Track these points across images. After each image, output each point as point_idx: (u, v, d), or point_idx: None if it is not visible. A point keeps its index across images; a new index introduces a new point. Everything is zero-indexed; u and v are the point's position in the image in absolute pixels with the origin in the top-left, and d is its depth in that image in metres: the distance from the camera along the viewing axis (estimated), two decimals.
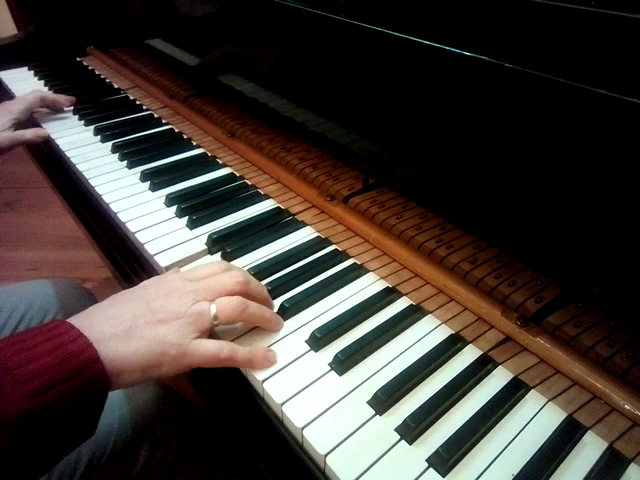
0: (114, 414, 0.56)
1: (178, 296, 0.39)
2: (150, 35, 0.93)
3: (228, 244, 0.52)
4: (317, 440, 0.34)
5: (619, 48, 0.30)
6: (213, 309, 0.39)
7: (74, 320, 0.35)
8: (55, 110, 0.83)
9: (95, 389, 0.33)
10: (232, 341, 0.41)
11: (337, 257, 0.52)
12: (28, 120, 0.78)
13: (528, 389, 0.39)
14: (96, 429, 0.34)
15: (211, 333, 0.40)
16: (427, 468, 0.34)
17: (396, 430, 0.36)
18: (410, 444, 0.35)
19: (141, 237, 0.54)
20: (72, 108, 0.84)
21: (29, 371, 0.30)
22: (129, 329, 0.36)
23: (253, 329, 0.43)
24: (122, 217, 0.57)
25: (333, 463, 0.33)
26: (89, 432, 0.34)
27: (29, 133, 0.74)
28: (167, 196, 0.60)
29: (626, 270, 0.36)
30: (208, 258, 0.52)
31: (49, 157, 0.76)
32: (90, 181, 0.64)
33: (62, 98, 0.83)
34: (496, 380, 0.40)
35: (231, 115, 0.77)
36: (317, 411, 0.36)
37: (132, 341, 0.36)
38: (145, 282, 0.42)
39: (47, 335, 0.33)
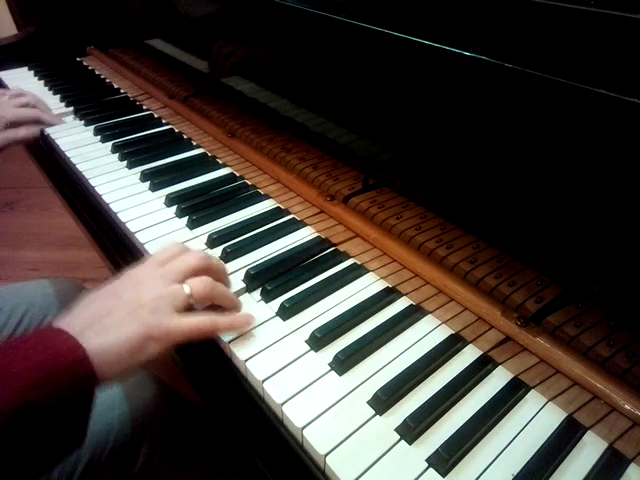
0: (114, 412, 0.57)
1: (148, 282, 0.40)
2: (150, 35, 0.93)
3: (228, 244, 0.52)
4: (317, 440, 0.34)
5: (619, 48, 0.30)
6: (187, 289, 0.40)
7: (60, 321, 0.36)
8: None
9: (84, 388, 0.33)
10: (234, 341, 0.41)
11: (337, 257, 0.52)
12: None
13: (528, 389, 0.39)
14: (85, 438, 0.35)
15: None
16: (427, 468, 0.34)
17: (396, 430, 0.36)
18: (410, 444, 0.35)
19: (141, 237, 0.54)
20: (72, 108, 0.84)
21: (21, 368, 0.31)
22: (110, 323, 0.37)
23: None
24: (122, 217, 0.57)
25: (333, 463, 0.33)
26: (79, 439, 0.35)
27: (22, 131, 0.74)
28: (167, 196, 0.60)
29: (626, 270, 0.36)
30: None
31: (49, 157, 0.76)
32: (90, 181, 0.64)
33: (48, 115, 0.81)
34: (496, 380, 0.40)
35: (231, 115, 0.77)
36: (317, 411, 0.36)
37: (114, 332, 0.36)
38: (112, 282, 0.42)
39: (36, 336, 0.34)
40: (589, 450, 0.35)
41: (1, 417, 0.29)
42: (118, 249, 0.57)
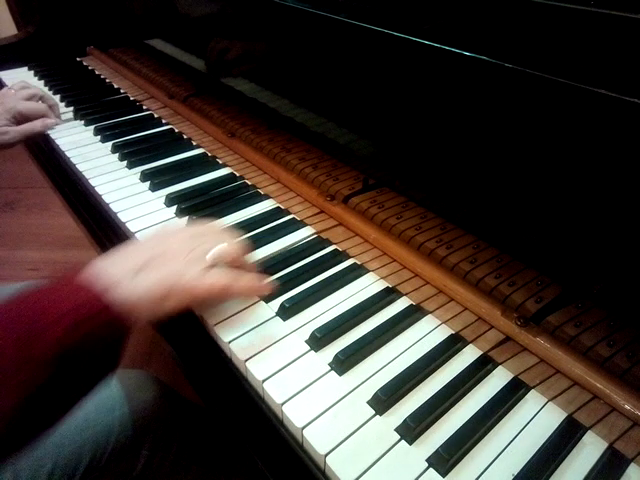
0: (114, 414, 0.56)
1: (182, 238, 0.43)
2: (150, 35, 0.93)
3: None
4: (317, 440, 0.34)
5: (619, 48, 0.30)
6: (214, 250, 0.43)
7: (86, 269, 0.39)
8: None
9: (112, 329, 0.36)
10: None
11: (337, 257, 0.52)
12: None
13: (528, 389, 0.39)
14: (119, 364, 0.38)
15: None
16: (427, 468, 0.34)
17: (396, 430, 0.36)
18: (410, 444, 0.35)
19: (141, 237, 0.54)
20: (72, 108, 0.84)
21: (55, 315, 0.34)
22: (139, 270, 0.39)
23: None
24: (122, 217, 0.57)
25: (333, 463, 0.33)
26: (112, 367, 0.38)
27: (39, 124, 0.75)
28: (167, 196, 0.60)
29: (626, 270, 0.36)
30: None
31: (49, 157, 0.76)
32: (90, 181, 0.64)
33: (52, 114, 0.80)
34: (496, 380, 0.40)
35: (231, 115, 0.77)
36: (317, 411, 0.36)
37: (142, 279, 0.39)
38: (152, 233, 0.46)
39: (64, 283, 0.36)
40: (589, 450, 0.35)
41: (46, 359, 0.32)
42: None
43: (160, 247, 0.42)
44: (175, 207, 0.59)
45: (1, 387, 0.31)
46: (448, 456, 0.34)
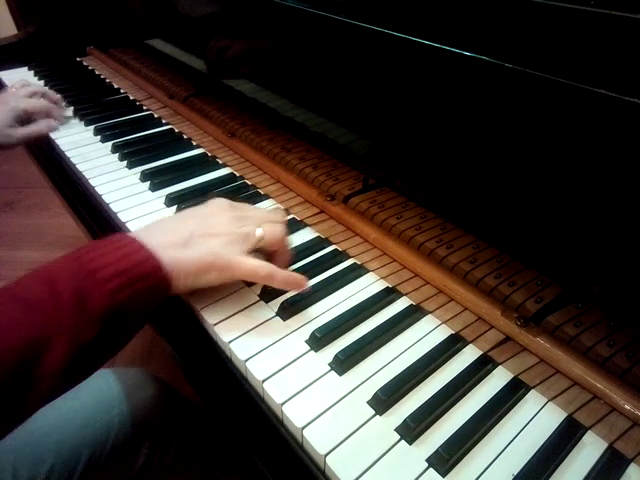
0: (114, 412, 0.57)
1: (229, 217, 0.44)
2: (150, 35, 0.93)
3: None
4: (317, 440, 0.34)
5: (619, 48, 0.30)
6: (260, 231, 0.44)
7: (134, 234, 0.41)
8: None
9: (160, 291, 0.39)
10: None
11: (337, 257, 0.52)
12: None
13: (528, 389, 0.39)
14: (142, 326, 0.40)
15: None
16: (427, 468, 0.34)
17: (396, 430, 0.36)
18: (410, 444, 0.35)
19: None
20: (72, 108, 0.84)
21: (107, 274, 0.35)
22: (186, 240, 0.41)
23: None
24: (122, 217, 0.57)
25: (333, 463, 0.33)
26: (141, 327, 0.40)
27: (43, 124, 0.74)
28: (167, 196, 0.60)
29: (626, 270, 0.36)
30: None
31: (49, 157, 0.76)
32: (90, 181, 0.64)
33: (57, 108, 0.79)
34: (496, 380, 0.40)
35: (231, 115, 0.77)
36: (317, 411, 0.36)
37: (188, 249, 0.41)
38: (198, 206, 0.47)
39: (116, 245, 0.38)
40: (589, 450, 0.35)
41: (97, 314, 0.34)
42: None
43: (205, 224, 0.43)
44: (175, 207, 0.59)
45: (56, 341, 0.32)
46: (448, 456, 0.34)
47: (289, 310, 0.44)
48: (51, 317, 0.33)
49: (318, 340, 0.41)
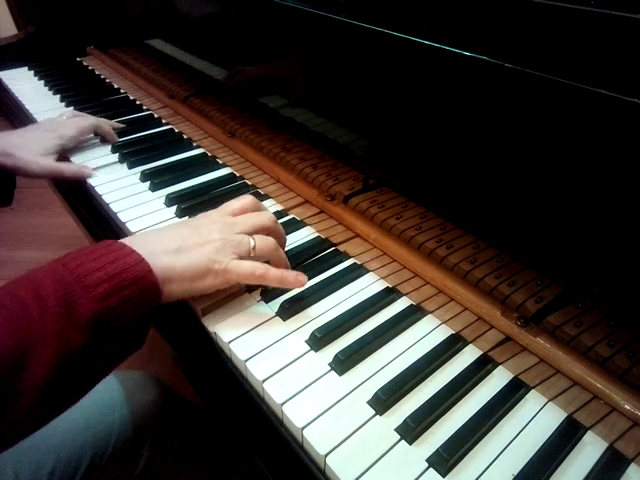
0: (115, 415, 0.57)
1: (222, 225, 0.44)
2: (150, 35, 0.93)
3: None
4: (317, 440, 0.34)
5: (619, 48, 0.30)
6: (252, 242, 0.44)
7: (126, 240, 0.40)
8: (104, 141, 0.73)
9: (149, 297, 0.37)
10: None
11: (337, 257, 0.52)
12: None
13: (528, 389, 0.39)
14: (144, 341, 0.39)
15: None
16: (427, 468, 0.34)
17: (396, 430, 0.36)
18: (410, 444, 0.35)
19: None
20: (72, 108, 0.84)
21: (95, 279, 0.34)
22: (179, 247, 0.41)
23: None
24: (122, 217, 0.57)
25: (333, 463, 0.33)
26: (139, 342, 0.39)
27: (70, 171, 0.64)
28: (167, 196, 0.60)
29: (626, 270, 0.36)
30: None
31: None
32: (90, 181, 0.64)
33: (113, 132, 0.73)
34: (496, 380, 0.40)
35: (231, 115, 0.77)
36: (317, 411, 0.36)
37: (181, 255, 0.41)
38: (190, 218, 0.47)
39: (105, 250, 0.37)
40: (589, 450, 0.35)
41: (85, 320, 0.33)
42: None
43: (198, 231, 0.43)
44: (175, 207, 0.59)
45: (42, 348, 0.31)
46: (448, 456, 0.34)
47: (289, 310, 0.44)
48: (36, 323, 0.31)
49: (318, 340, 0.41)
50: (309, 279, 0.48)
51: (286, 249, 0.52)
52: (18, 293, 0.33)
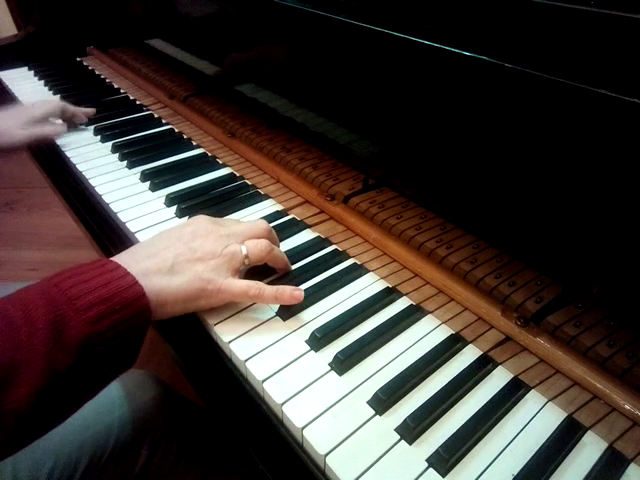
0: (114, 414, 0.56)
1: (214, 238, 0.43)
2: (150, 35, 0.93)
3: None
4: (317, 440, 0.34)
5: (619, 48, 0.30)
6: (244, 250, 0.43)
7: (118, 258, 0.40)
8: (71, 124, 0.78)
9: (140, 320, 0.37)
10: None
11: (337, 257, 0.52)
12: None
13: (528, 389, 0.39)
14: (136, 360, 0.39)
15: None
16: (427, 468, 0.34)
17: (396, 430, 0.36)
18: (410, 444, 0.35)
19: (141, 237, 0.54)
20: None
21: (87, 302, 0.34)
22: (171, 266, 0.40)
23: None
24: (122, 217, 0.57)
25: (333, 463, 0.33)
26: (130, 362, 0.38)
27: (48, 129, 0.73)
28: (167, 196, 0.60)
29: (626, 270, 0.36)
30: None
31: (49, 157, 0.75)
32: (90, 181, 0.64)
33: (80, 112, 0.78)
34: (496, 380, 0.40)
35: (231, 115, 0.77)
36: (317, 411, 0.36)
37: (174, 277, 0.40)
38: (178, 226, 0.46)
39: (99, 271, 0.37)
40: (589, 450, 0.35)
41: (74, 343, 0.33)
42: (118, 249, 0.57)
43: (190, 247, 0.42)
44: (175, 207, 0.59)
45: (27, 370, 0.31)
46: (448, 456, 0.34)
47: (289, 310, 0.44)
48: (23, 344, 0.31)
49: (318, 340, 0.41)
50: (309, 279, 0.48)
51: (286, 249, 0.52)
52: (8, 313, 0.32)
